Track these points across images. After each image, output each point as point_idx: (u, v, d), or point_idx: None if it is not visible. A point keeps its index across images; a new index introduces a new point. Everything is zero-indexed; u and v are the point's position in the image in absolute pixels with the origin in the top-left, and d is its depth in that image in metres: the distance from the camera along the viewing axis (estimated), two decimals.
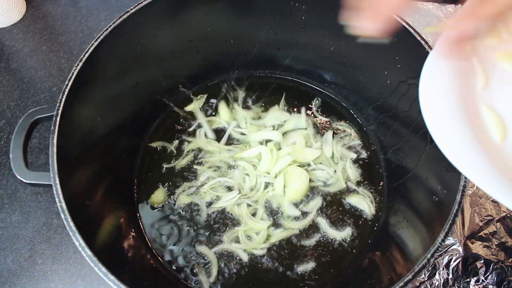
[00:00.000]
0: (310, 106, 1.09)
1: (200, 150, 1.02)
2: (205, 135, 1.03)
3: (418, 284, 0.88)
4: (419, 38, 0.76)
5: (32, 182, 0.71)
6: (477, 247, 0.90)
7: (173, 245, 0.91)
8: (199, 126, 1.05)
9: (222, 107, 1.08)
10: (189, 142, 1.03)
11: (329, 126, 1.06)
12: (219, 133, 1.05)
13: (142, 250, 0.89)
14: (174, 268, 0.88)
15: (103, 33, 0.77)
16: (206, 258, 0.89)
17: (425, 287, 0.88)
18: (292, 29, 0.97)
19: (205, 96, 1.10)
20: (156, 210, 0.94)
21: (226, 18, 0.95)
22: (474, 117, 0.51)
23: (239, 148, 1.01)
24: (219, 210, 0.94)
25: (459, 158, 0.48)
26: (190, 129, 1.05)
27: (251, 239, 0.91)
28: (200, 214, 0.93)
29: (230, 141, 1.03)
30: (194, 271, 0.88)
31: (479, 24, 0.48)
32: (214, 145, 1.01)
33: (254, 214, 0.93)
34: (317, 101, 1.10)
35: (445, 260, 0.89)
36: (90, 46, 0.75)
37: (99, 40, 0.76)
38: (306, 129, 1.03)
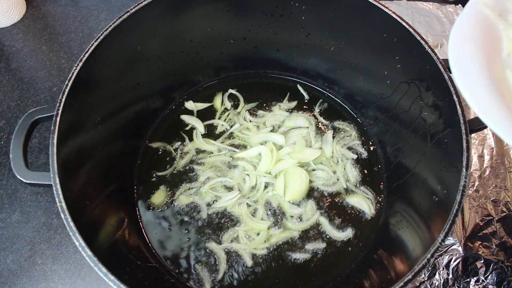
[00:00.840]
0: (310, 106, 1.09)
1: (199, 150, 1.02)
2: (201, 134, 1.04)
3: (418, 284, 0.88)
4: (419, 38, 0.75)
5: (32, 182, 0.71)
6: (477, 247, 0.90)
7: (173, 245, 0.91)
8: (196, 126, 1.05)
9: (221, 106, 1.08)
10: (188, 142, 1.03)
11: (329, 126, 1.06)
12: (219, 134, 1.05)
13: (142, 250, 0.89)
14: (174, 268, 0.88)
15: (103, 33, 0.77)
16: (207, 257, 0.89)
17: (425, 287, 0.88)
18: (292, 29, 0.97)
19: (205, 96, 1.11)
20: (156, 210, 0.94)
21: (226, 18, 0.95)
22: (500, 79, 0.53)
23: (238, 147, 1.01)
24: (219, 210, 0.94)
25: (488, 114, 0.49)
26: (187, 129, 1.05)
27: (252, 239, 0.91)
28: (200, 214, 0.93)
29: (230, 141, 1.03)
30: (195, 270, 0.88)
31: None
32: (212, 144, 1.01)
33: (254, 214, 0.93)
34: (317, 101, 1.10)
35: (445, 260, 0.89)
36: (90, 46, 0.75)
37: (99, 40, 0.76)
38: (307, 127, 1.03)
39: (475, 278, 0.88)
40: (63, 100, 0.70)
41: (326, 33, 0.95)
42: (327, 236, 0.91)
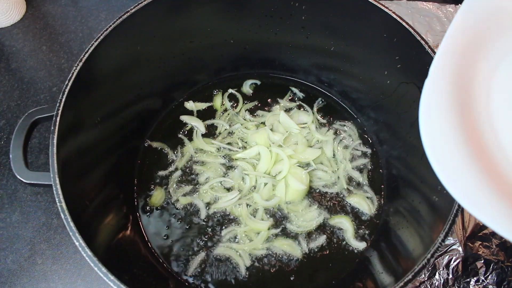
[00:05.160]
0: (310, 105, 1.09)
1: (199, 150, 1.02)
2: (201, 134, 1.04)
3: (418, 284, 0.88)
4: (419, 38, 0.75)
5: (32, 182, 0.71)
6: (477, 247, 0.90)
7: (173, 245, 0.90)
8: (196, 126, 1.05)
9: (221, 106, 1.09)
10: (188, 142, 1.03)
11: (329, 126, 1.06)
12: (219, 134, 1.05)
13: (142, 250, 0.89)
14: (174, 267, 0.88)
15: (103, 33, 0.77)
16: (206, 257, 0.89)
17: (425, 287, 0.88)
18: (292, 30, 0.97)
19: (205, 96, 1.11)
20: (156, 210, 0.94)
21: (226, 18, 0.95)
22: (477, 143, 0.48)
23: (238, 147, 1.01)
24: (219, 210, 0.94)
25: (471, 202, 0.44)
26: (187, 128, 1.05)
27: (251, 239, 0.91)
28: (199, 214, 0.93)
29: (229, 141, 1.03)
30: (195, 270, 0.88)
31: None
32: (211, 144, 1.01)
33: (254, 215, 0.93)
34: (318, 101, 1.10)
35: (445, 260, 0.89)
36: (90, 46, 0.75)
37: (99, 40, 0.76)
38: (308, 127, 1.03)
39: (475, 278, 0.88)
40: (63, 100, 0.70)
41: (326, 33, 0.95)
42: (327, 236, 0.92)
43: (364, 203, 0.94)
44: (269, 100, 1.10)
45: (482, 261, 0.88)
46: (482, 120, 0.49)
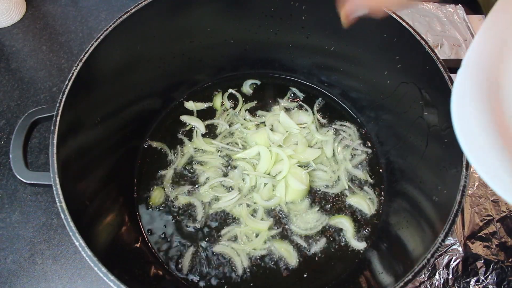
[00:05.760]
0: (310, 106, 1.09)
1: (199, 150, 1.02)
2: (201, 134, 1.04)
3: (418, 284, 0.88)
4: (419, 38, 0.76)
5: (32, 182, 0.71)
6: (477, 247, 0.90)
7: (173, 245, 0.90)
8: (196, 126, 1.05)
9: (221, 106, 1.08)
10: (188, 142, 1.03)
11: (329, 126, 1.06)
12: (219, 134, 1.05)
13: (142, 249, 0.89)
14: (174, 267, 0.88)
15: (103, 33, 0.77)
16: (206, 257, 0.89)
17: (425, 287, 0.88)
18: (292, 30, 0.97)
19: (205, 96, 1.11)
20: (156, 210, 0.94)
21: (226, 18, 0.95)
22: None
23: (238, 147, 1.01)
24: (218, 210, 0.94)
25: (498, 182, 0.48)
26: (187, 128, 1.05)
27: (251, 239, 0.91)
28: (199, 214, 0.93)
29: (229, 141, 1.03)
30: (194, 270, 0.88)
31: None
32: (211, 144, 1.01)
33: (254, 215, 0.93)
34: (318, 101, 1.10)
35: (445, 260, 0.89)
36: (90, 46, 0.75)
37: (99, 40, 0.76)
38: (308, 127, 1.03)
39: (475, 278, 0.88)
40: (63, 100, 0.70)
41: (326, 33, 0.95)
42: (327, 236, 0.92)
43: (364, 203, 0.94)
44: (268, 100, 1.10)
45: (482, 261, 0.88)
46: (509, 106, 0.52)
